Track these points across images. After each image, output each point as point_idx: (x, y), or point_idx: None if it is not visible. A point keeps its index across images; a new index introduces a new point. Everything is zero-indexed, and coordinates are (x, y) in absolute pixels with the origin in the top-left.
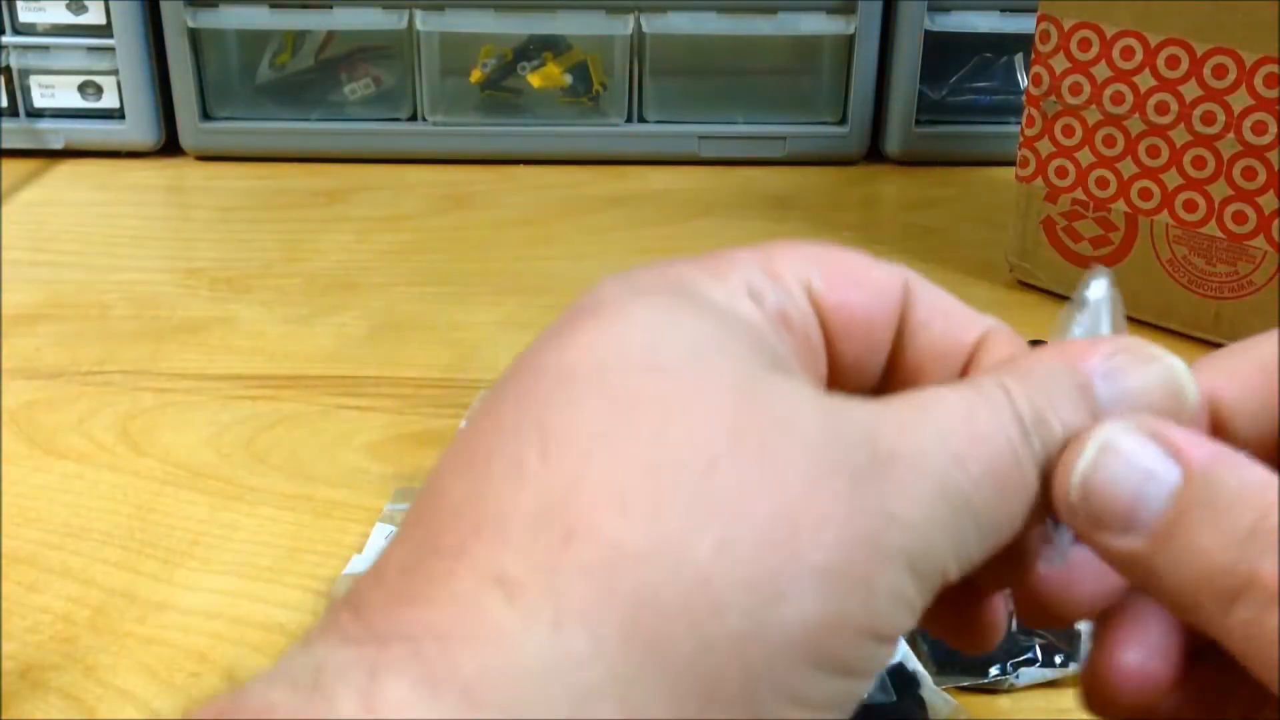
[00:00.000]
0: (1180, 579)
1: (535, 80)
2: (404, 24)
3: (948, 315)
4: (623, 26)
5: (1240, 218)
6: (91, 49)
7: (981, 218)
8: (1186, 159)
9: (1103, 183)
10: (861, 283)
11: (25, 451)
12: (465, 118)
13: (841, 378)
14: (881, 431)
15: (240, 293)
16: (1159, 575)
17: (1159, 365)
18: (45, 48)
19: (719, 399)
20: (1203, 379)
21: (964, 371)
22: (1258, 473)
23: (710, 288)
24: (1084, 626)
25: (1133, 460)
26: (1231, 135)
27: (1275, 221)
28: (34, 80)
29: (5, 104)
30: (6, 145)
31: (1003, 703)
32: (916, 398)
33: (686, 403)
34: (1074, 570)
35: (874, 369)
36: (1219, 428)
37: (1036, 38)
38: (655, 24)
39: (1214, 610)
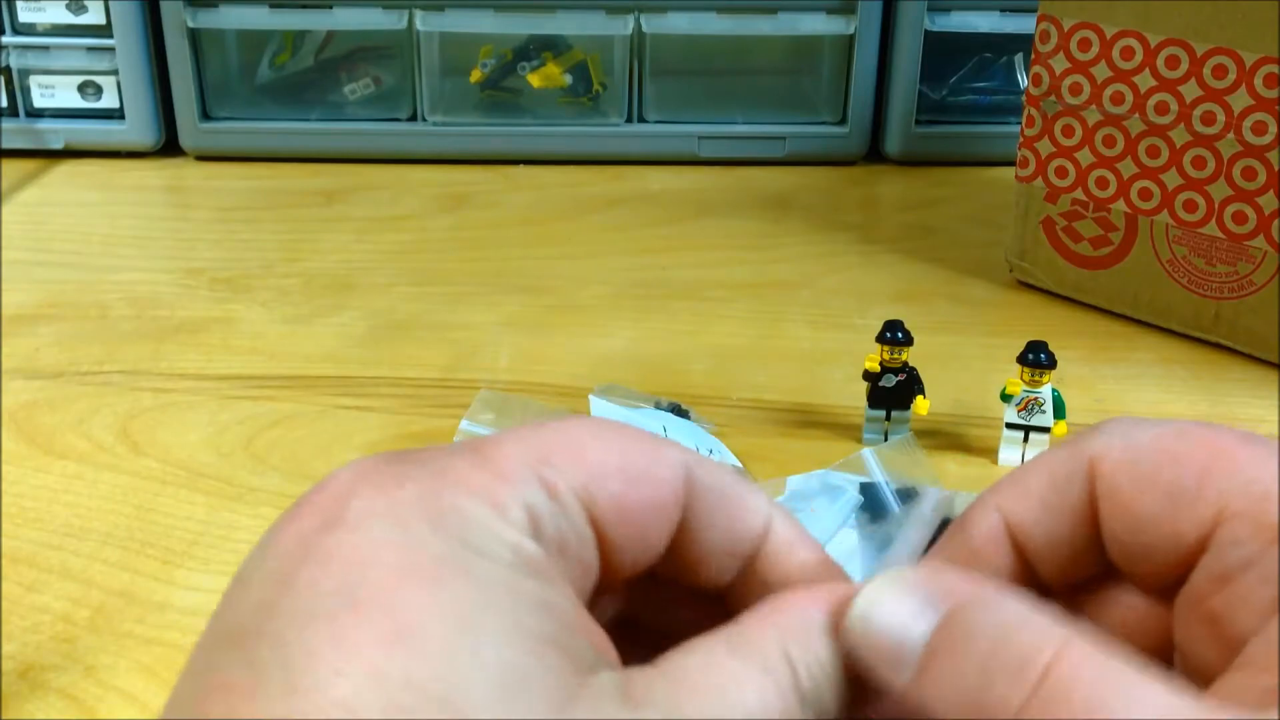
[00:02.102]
0: (944, 710)
1: (535, 80)
2: (404, 24)
3: (729, 508)
4: (623, 26)
5: (1240, 218)
6: (91, 49)
7: (981, 218)
8: (1186, 159)
9: (1103, 183)
10: (640, 480)
11: (25, 451)
12: (465, 118)
13: (613, 569)
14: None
15: (240, 293)
16: (926, 707)
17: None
18: (45, 48)
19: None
20: (999, 501)
21: (748, 564)
22: (1010, 608)
23: (486, 524)
24: None
25: (894, 611)
26: (1231, 135)
27: (1275, 221)
28: (34, 80)
29: (5, 104)
30: (6, 145)
31: None
32: (691, 669)
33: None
34: None
35: (651, 557)
36: (1018, 545)
37: (1036, 38)
38: (655, 24)
39: None
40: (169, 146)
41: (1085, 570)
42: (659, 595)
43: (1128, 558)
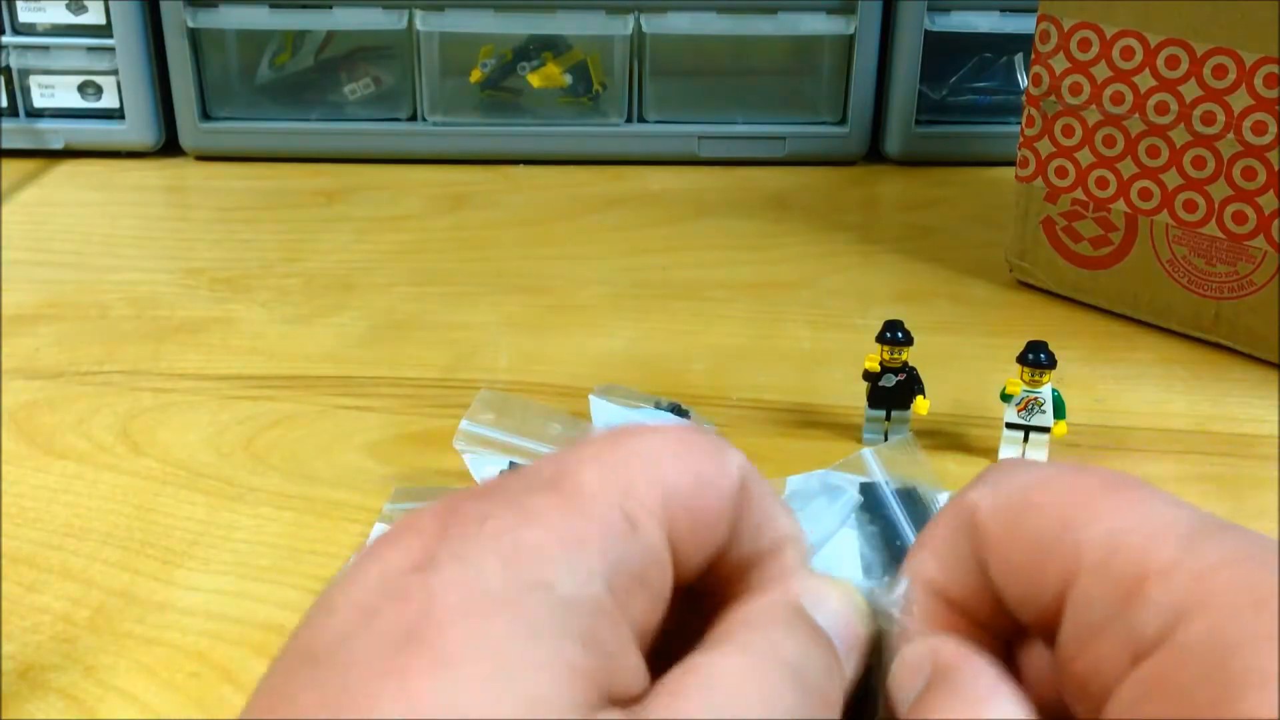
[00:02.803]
0: None
1: (535, 80)
2: (404, 24)
3: (763, 523)
4: (623, 26)
5: (1240, 218)
6: (91, 49)
7: (981, 218)
8: (1186, 159)
9: (1103, 183)
10: (708, 489)
11: (25, 451)
12: (465, 118)
13: (678, 578)
14: None
15: (240, 293)
16: None
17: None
18: (45, 48)
19: None
20: (915, 568)
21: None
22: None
23: (558, 560)
24: None
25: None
26: (1231, 135)
27: (1275, 221)
28: (34, 80)
29: (5, 104)
30: (6, 145)
31: None
32: (698, 685)
33: None
34: None
35: (704, 561)
36: (948, 604)
37: (1036, 38)
38: (655, 24)
39: None
40: (169, 146)
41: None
42: None
43: (1015, 610)
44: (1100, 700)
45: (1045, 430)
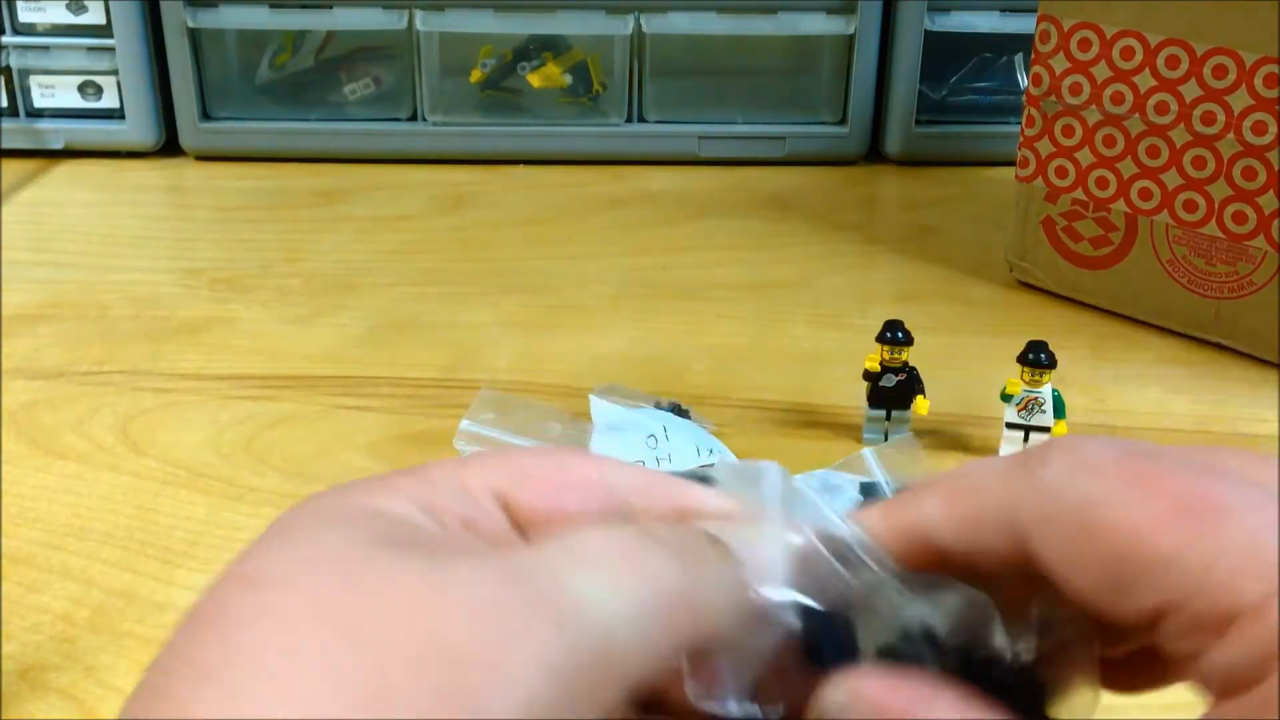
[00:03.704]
0: None
1: (535, 80)
2: (404, 24)
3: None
4: (623, 26)
5: (1240, 218)
6: (91, 49)
7: (981, 218)
8: (1186, 159)
9: (1103, 183)
10: (564, 491)
11: (25, 451)
12: (465, 118)
13: None
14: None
15: (240, 293)
16: None
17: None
18: (45, 48)
19: (309, 599)
20: (923, 503)
21: None
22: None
23: (380, 501)
24: None
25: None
26: (1231, 135)
27: (1275, 221)
28: (34, 80)
29: (5, 104)
30: (6, 145)
31: None
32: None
33: (277, 612)
34: None
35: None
36: (933, 548)
37: (1036, 38)
38: (655, 24)
39: None
40: (169, 146)
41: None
42: None
43: (1066, 590)
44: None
45: (1045, 430)
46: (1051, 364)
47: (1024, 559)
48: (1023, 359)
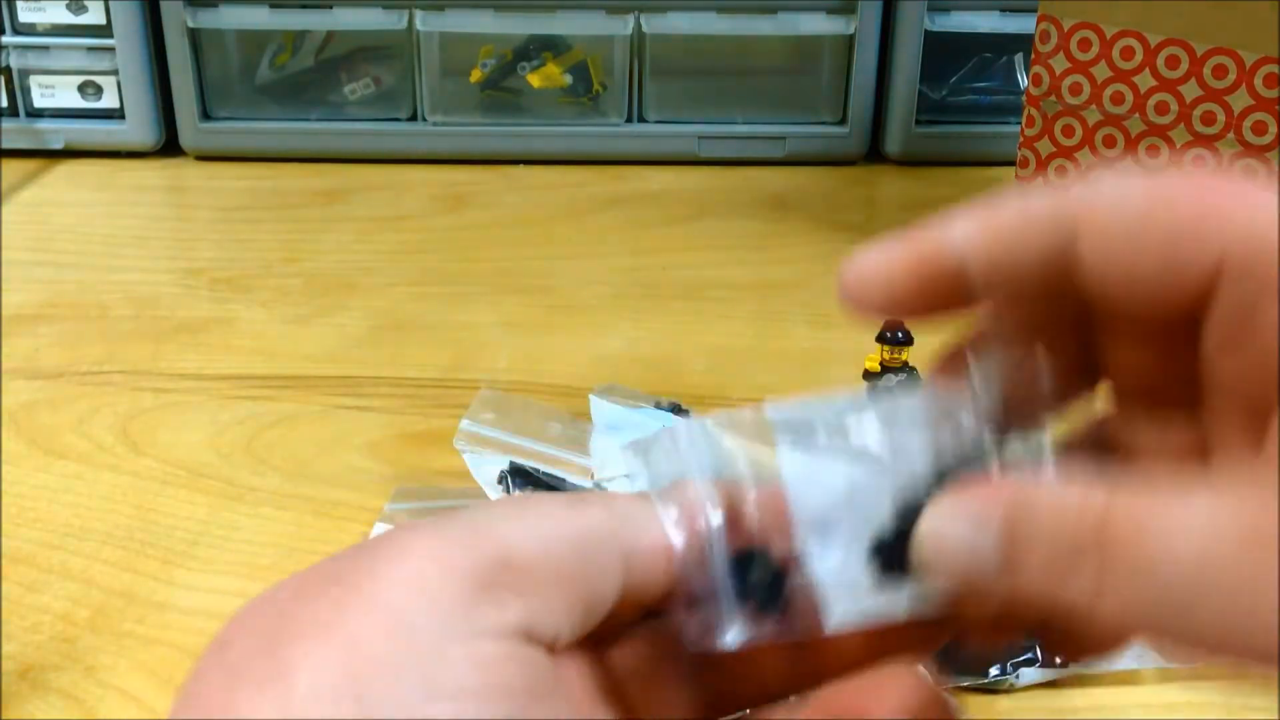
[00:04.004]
0: (1035, 601)
1: (535, 80)
2: (404, 24)
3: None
4: (623, 26)
5: None
6: (91, 49)
7: None
8: (1186, 159)
9: None
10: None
11: (25, 451)
12: (465, 118)
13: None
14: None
15: (240, 293)
16: (1019, 602)
17: None
18: (45, 48)
19: None
20: (954, 227)
21: None
22: (1046, 493)
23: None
24: None
25: (959, 534)
26: (1231, 135)
27: None
28: (34, 80)
29: (5, 104)
30: (6, 145)
31: (1003, 703)
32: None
33: None
34: None
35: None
36: (952, 275)
37: (1036, 38)
38: (655, 24)
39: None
40: (169, 146)
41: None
42: None
43: (1113, 308)
44: (1253, 402)
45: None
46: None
47: (1057, 279)
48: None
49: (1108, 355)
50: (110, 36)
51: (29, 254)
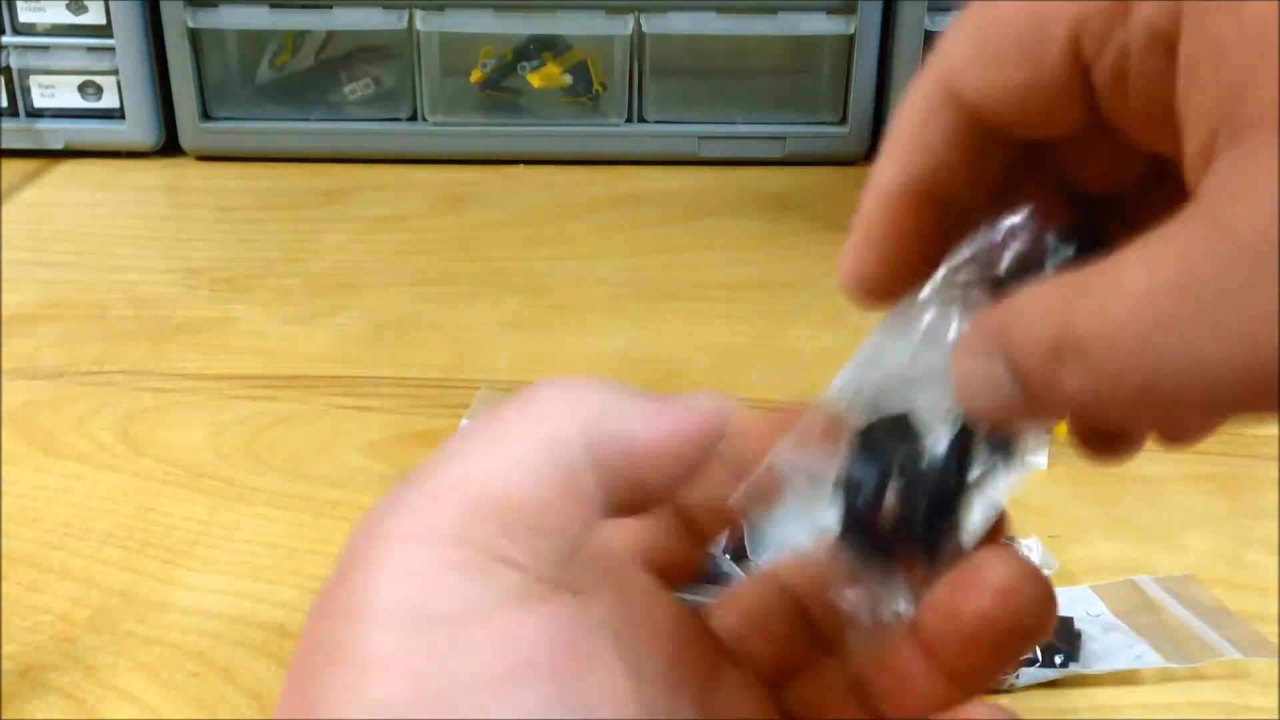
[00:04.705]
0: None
1: (535, 80)
2: (404, 24)
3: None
4: (623, 26)
5: None
6: (91, 49)
7: None
8: None
9: None
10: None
11: (25, 451)
12: (465, 118)
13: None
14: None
15: (240, 293)
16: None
17: None
18: (45, 48)
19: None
20: (907, 163)
21: None
22: None
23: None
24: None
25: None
26: None
27: None
28: (34, 80)
29: (5, 104)
30: (6, 145)
31: (1003, 702)
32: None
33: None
34: None
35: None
36: (940, 198)
37: None
38: (655, 24)
39: None
40: (169, 146)
41: (1005, 177)
42: None
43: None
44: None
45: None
46: None
47: (978, 143)
48: None
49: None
50: (110, 36)
51: (29, 254)
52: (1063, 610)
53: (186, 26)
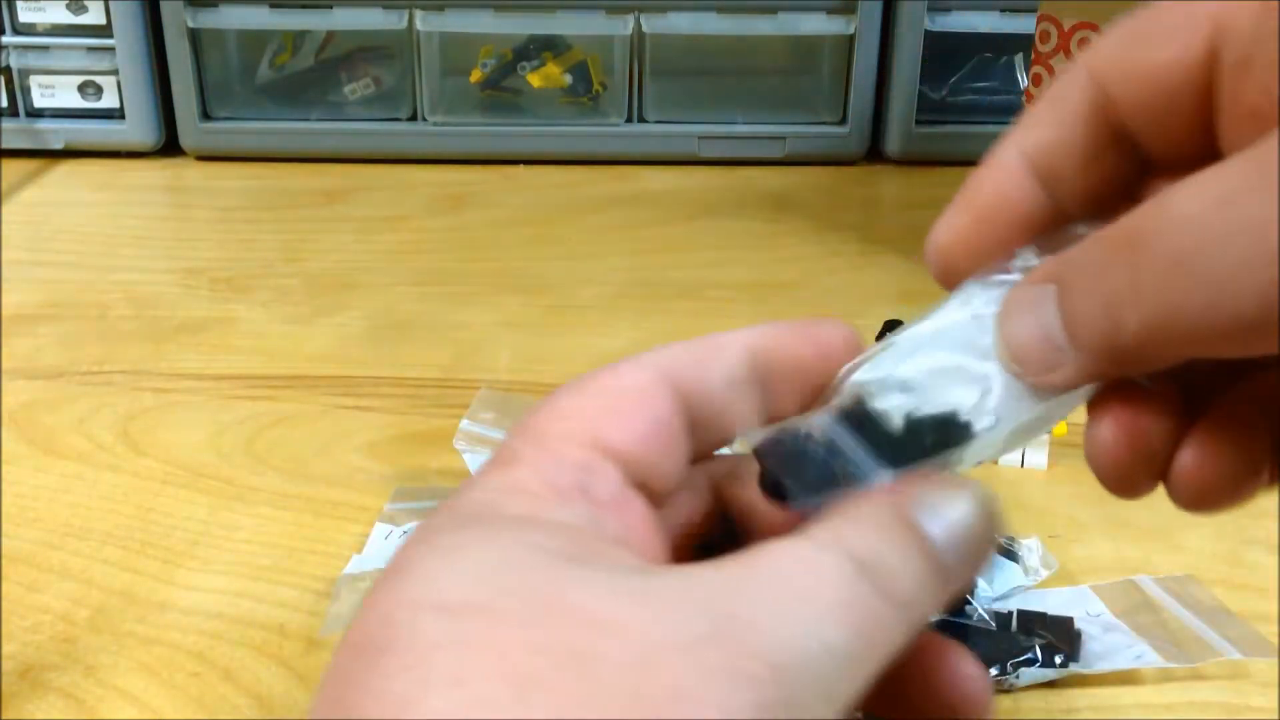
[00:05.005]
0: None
1: (535, 80)
2: (404, 24)
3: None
4: (623, 26)
5: None
6: (91, 49)
7: None
8: None
9: None
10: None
11: (25, 451)
12: (465, 118)
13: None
14: (720, 596)
15: (240, 293)
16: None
17: (966, 494)
18: (45, 48)
19: (517, 622)
20: (1031, 138)
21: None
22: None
23: (523, 505)
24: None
25: (1023, 320)
26: None
27: None
28: (34, 80)
29: (5, 104)
30: (6, 145)
31: (1003, 703)
32: (754, 562)
33: (481, 638)
34: None
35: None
36: (1058, 185)
37: (1036, 38)
38: (655, 24)
39: None
40: (169, 146)
41: (1107, 183)
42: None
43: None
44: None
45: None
46: None
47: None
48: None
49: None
50: (110, 36)
51: (29, 254)
52: (1063, 610)
53: (186, 26)
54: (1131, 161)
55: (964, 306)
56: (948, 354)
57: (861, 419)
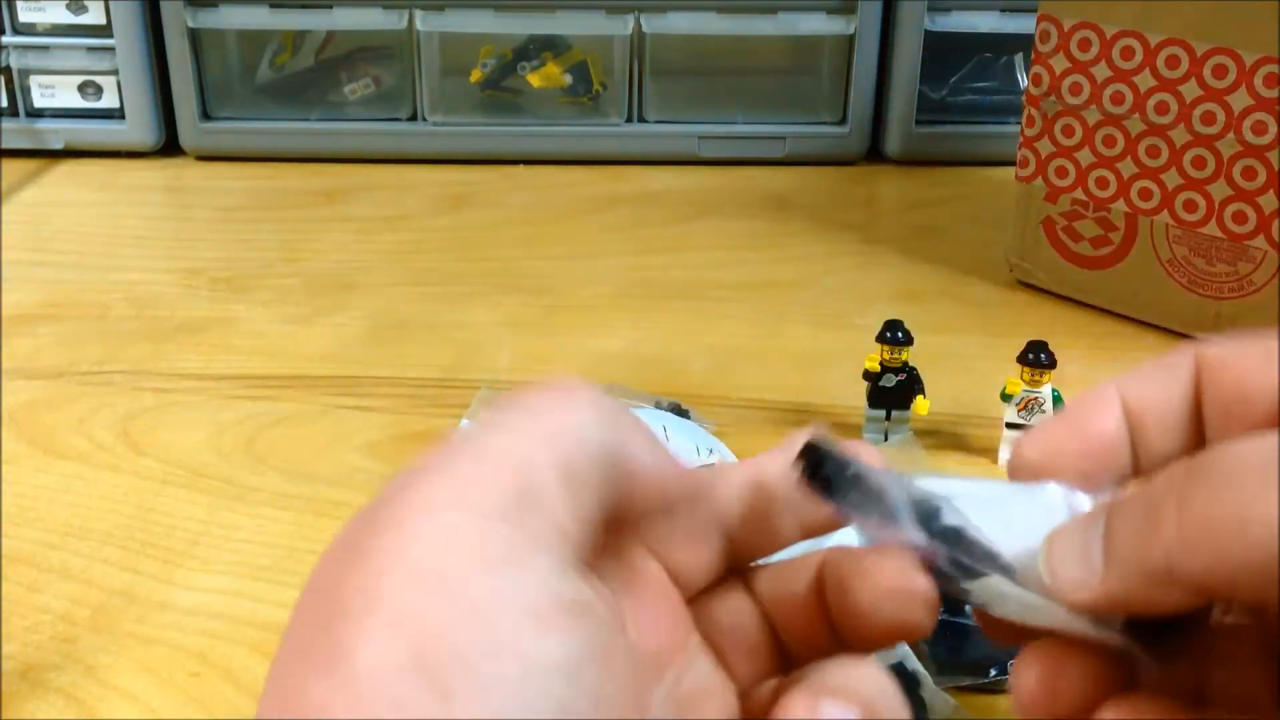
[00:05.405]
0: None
1: (535, 80)
2: (404, 24)
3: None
4: (623, 26)
5: (1240, 218)
6: (91, 49)
7: (981, 218)
8: (1186, 159)
9: (1103, 183)
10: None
11: (25, 451)
12: (465, 118)
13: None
14: None
15: (240, 293)
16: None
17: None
18: (45, 48)
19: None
20: (1119, 383)
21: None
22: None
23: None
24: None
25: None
26: (1231, 135)
27: (1275, 221)
28: (34, 80)
29: (5, 104)
30: (6, 145)
31: (1003, 703)
32: None
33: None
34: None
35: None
36: (1140, 437)
37: (1036, 38)
38: (655, 24)
39: None
40: (169, 146)
41: (1183, 445)
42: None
43: (1224, 416)
44: None
45: None
46: (1051, 364)
47: (1193, 416)
48: (1023, 359)
49: None
50: (110, 36)
51: (29, 254)
52: None
53: (186, 26)
54: (1198, 446)
55: (1038, 494)
56: (1015, 520)
57: (924, 503)
